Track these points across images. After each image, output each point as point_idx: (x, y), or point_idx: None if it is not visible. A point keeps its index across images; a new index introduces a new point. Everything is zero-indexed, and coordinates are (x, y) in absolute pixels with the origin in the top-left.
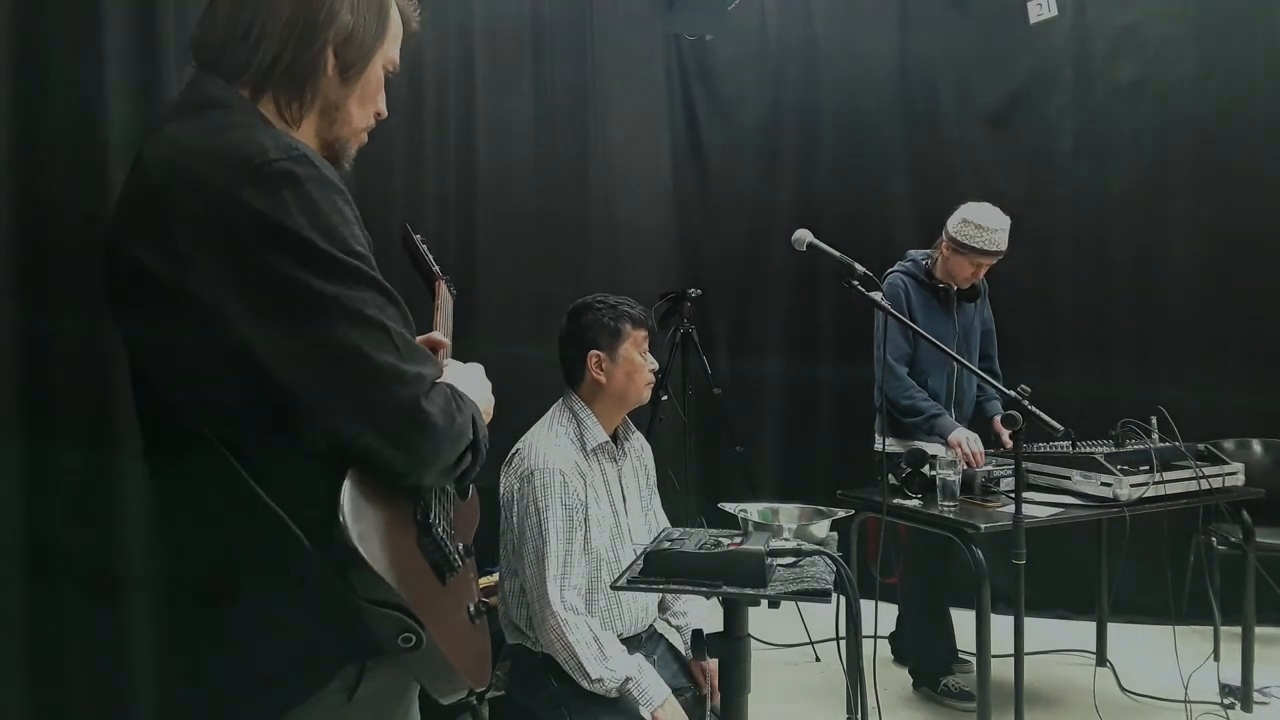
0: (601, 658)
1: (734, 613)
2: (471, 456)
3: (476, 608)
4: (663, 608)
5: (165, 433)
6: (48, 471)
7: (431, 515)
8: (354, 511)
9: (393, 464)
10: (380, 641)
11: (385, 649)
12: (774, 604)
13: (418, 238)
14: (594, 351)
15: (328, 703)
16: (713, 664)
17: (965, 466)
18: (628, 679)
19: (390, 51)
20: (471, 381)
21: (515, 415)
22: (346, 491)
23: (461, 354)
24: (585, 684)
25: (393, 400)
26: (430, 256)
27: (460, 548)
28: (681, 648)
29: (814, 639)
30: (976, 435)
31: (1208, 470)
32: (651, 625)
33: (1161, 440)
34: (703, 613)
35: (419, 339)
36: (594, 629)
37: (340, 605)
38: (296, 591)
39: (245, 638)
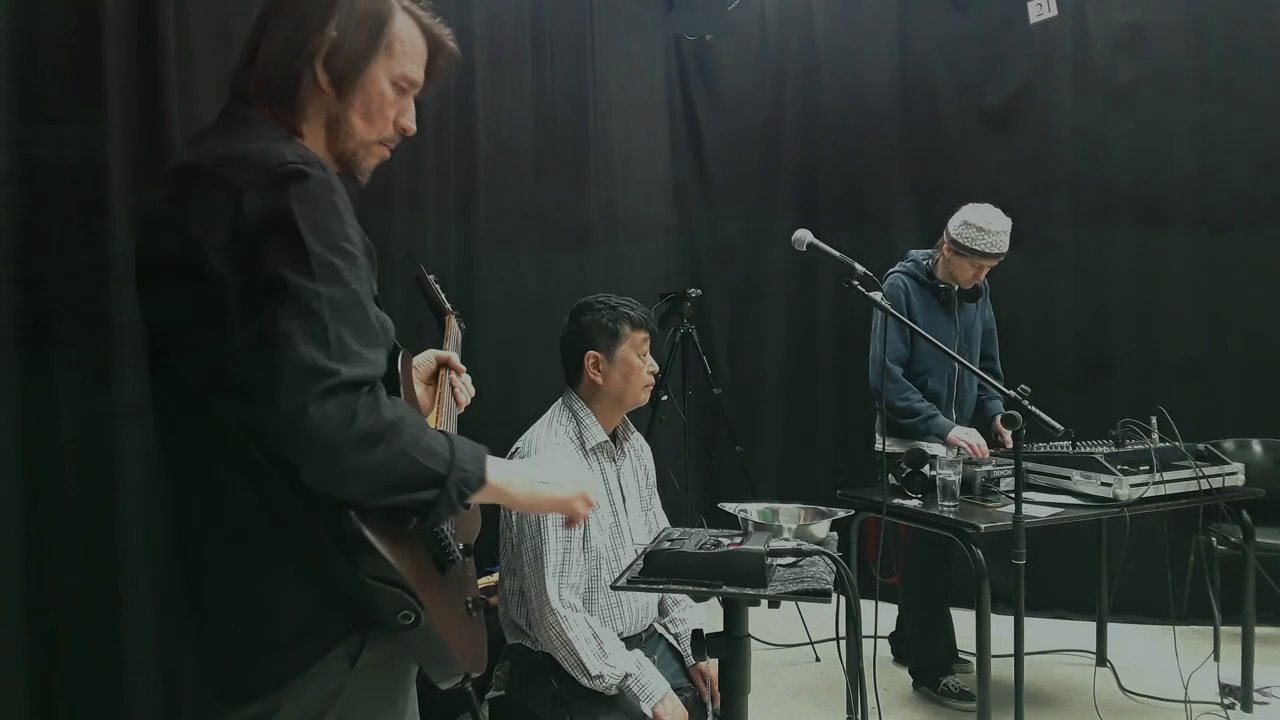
0: (601, 654)
1: (734, 613)
2: (437, 492)
3: (474, 602)
4: (662, 611)
5: (183, 413)
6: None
7: None
8: None
9: (294, 460)
10: (381, 617)
11: (385, 624)
12: (774, 604)
13: (431, 276)
14: (591, 352)
15: (331, 669)
16: (712, 667)
17: (970, 456)
18: (627, 675)
19: (399, 68)
20: (550, 466)
21: (515, 414)
22: None
23: (463, 355)
24: (585, 681)
25: (292, 384)
26: (442, 293)
27: (461, 546)
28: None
29: (814, 639)
30: (975, 430)
31: (1208, 470)
32: (651, 625)
33: (1161, 440)
34: (701, 614)
35: (433, 352)
36: (593, 626)
37: (347, 581)
38: (305, 566)
39: (255, 608)
